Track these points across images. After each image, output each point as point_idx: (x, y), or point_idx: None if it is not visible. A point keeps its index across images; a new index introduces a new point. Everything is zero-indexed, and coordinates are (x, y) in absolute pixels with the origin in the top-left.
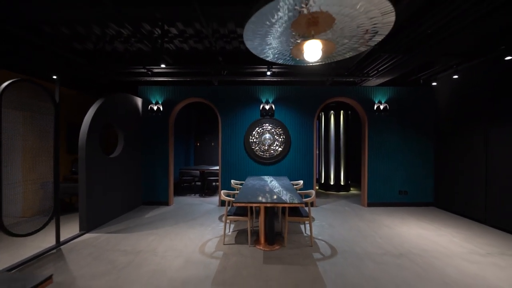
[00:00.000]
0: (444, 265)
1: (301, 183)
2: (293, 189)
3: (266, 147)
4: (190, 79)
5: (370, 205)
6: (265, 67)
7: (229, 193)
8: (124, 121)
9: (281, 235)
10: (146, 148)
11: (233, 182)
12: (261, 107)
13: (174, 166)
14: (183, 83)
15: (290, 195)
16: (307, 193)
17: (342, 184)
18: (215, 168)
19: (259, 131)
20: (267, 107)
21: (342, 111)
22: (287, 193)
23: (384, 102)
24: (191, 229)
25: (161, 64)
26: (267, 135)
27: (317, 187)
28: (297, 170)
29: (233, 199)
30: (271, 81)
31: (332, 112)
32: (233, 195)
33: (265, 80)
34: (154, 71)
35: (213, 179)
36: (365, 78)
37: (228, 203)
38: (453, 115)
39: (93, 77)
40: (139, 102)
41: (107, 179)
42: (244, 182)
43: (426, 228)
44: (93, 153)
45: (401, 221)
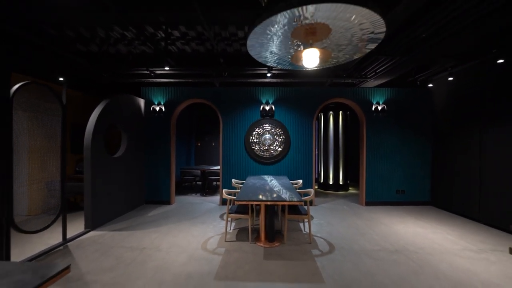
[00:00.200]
0: (438, 261)
1: (300, 182)
2: (293, 188)
3: (266, 147)
4: (192, 81)
5: (368, 204)
6: (265, 69)
7: (230, 192)
8: (127, 121)
9: (281, 233)
10: (148, 148)
11: (234, 181)
12: (261, 108)
13: (175, 165)
14: (185, 84)
15: (289, 194)
16: (306, 192)
17: (341, 183)
18: (216, 167)
19: (259, 131)
20: (267, 108)
21: (341, 112)
22: (286, 192)
23: (382, 103)
24: (193, 227)
25: (165, 66)
26: (267, 135)
27: (317, 187)
28: (296, 169)
29: (235, 198)
30: (271, 82)
31: (331, 112)
32: (234, 193)
33: (266, 81)
34: (156, 72)
35: (213, 179)
36: (363, 79)
37: (229, 201)
38: (449, 117)
39: (97, 78)
40: (142, 103)
41: (111, 178)
42: (244, 181)
43: (422, 226)
44: (98, 153)
45: (398, 220)
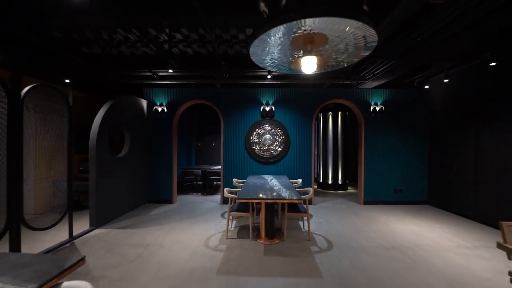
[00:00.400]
0: (432, 257)
1: (300, 181)
2: (292, 187)
3: (266, 147)
4: (193, 82)
5: (366, 203)
6: (265, 71)
7: (231, 191)
8: (130, 122)
9: (280, 231)
10: (150, 148)
11: (235, 180)
12: (262, 108)
13: (176, 165)
14: (186, 85)
15: (289, 192)
16: (305, 191)
17: (340, 183)
18: (216, 167)
19: (259, 132)
20: (267, 109)
21: (340, 112)
22: (286, 191)
23: (380, 104)
24: (195, 225)
25: (169, 69)
26: (267, 136)
27: (316, 186)
28: (296, 169)
29: (236, 196)
30: (271, 84)
31: (330, 113)
32: (235, 192)
33: (266, 83)
34: (159, 74)
35: (214, 178)
36: (362, 81)
37: (230, 200)
38: (446, 117)
39: (100, 80)
40: (144, 103)
41: (115, 178)
42: (245, 180)
43: (418, 224)
44: (103, 153)
45: (395, 218)
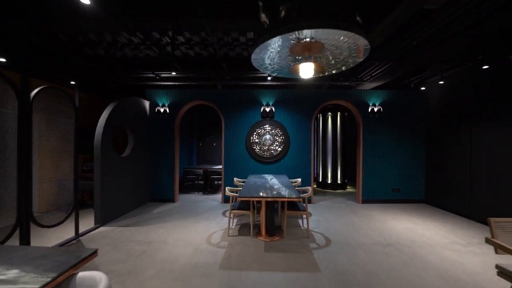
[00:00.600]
0: (427, 253)
1: (299, 180)
2: (292, 185)
3: (266, 147)
4: (195, 83)
5: (364, 202)
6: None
7: (233, 190)
8: (133, 123)
9: (280, 228)
10: (153, 148)
11: (236, 179)
12: (262, 109)
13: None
14: (188, 86)
15: (288, 191)
16: (304, 190)
17: (339, 182)
18: (217, 167)
19: (260, 132)
20: (268, 110)
21: (339, 113)
22: (286, 189)
23: (378, 104)
24: (197, 223)
25: (172, 72)
26: (268, 136)
27: (315, 186)
28: (295, 168)
29: (237, 195)
30: (271, 85)
31: (329, 113)
32: (236, 191)
33: (266, 84)
34: (162, 76)
35: (215, 178)
36: (360, 82)
37: (232, 199)
38: (442, 118)
39: (103, 81)
40: (147, 104)
41: (119, 177)
42: (246, 179)
43: (415, 222)
44: (107, 152)
45: (393, 216)
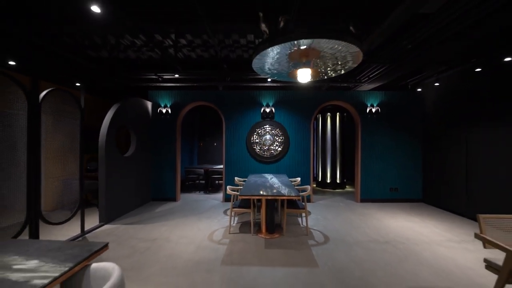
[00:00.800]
0: (422, 250)
1: (299, 180)
2: (291, 184)
3: (266, 147)
4: (196, 85)
5: (362, 201)
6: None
7: (234, 189)
8: (136, 123)
9: (280, 226)
10: (155, 148)
11: (237, 179)
12: (262, 110)
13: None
14: (190, 87)
15: (288, 190)
16: (304, 188)
17: (338, 182)
18: (218, 167)
19: (260, 132)
20: (268, 110)
21: (338, 113)
22: (285, 188)
23: (376, 105)
24: (199, 221)
25: (175, 74)
26: (268, 136)
27: (315, 185)
28: (295, 168)
29: (238, 193)
30: (271, 86)
31: (328, 114)
32: (237, 190)
33: (266, 85)
34: (164, 77)
35: (216, 177)
36: (358, 83)
37: (233, 197)
38: (438, 119)
39: (106, 82)
40: (149, 105)
41: (122, 176)
42: (246, 179)
43: (412, 220)
44: (111, 153)
45: (390, 215)
